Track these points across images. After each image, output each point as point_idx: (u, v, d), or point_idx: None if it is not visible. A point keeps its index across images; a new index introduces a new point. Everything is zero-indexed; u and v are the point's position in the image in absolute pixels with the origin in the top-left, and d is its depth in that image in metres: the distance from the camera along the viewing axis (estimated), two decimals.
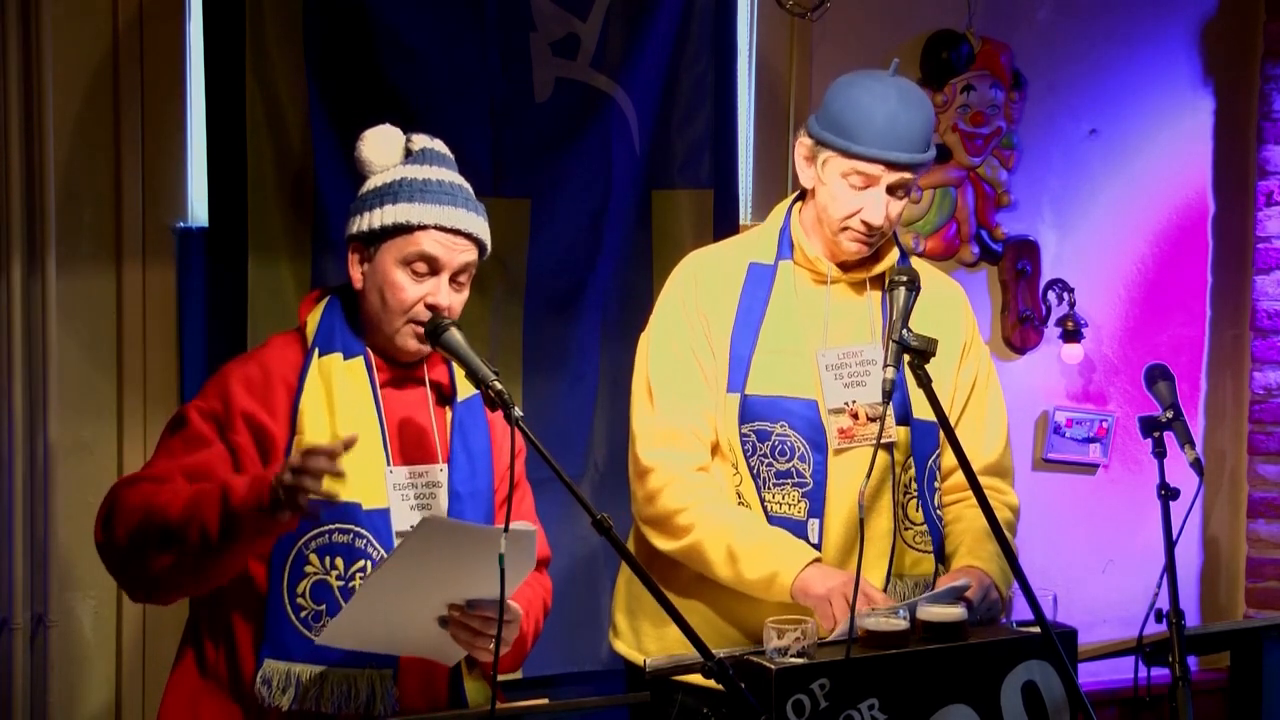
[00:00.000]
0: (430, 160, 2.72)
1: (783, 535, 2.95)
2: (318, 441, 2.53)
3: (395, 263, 2.65)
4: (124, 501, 2.53)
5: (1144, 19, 4.53)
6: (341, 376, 2.65)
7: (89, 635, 3.69)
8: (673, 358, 3.05)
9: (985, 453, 3.12)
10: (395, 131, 2.75)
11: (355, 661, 2.58)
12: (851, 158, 2.96)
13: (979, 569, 2.96)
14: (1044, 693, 2.76)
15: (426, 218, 2.65)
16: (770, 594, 2.90)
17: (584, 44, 3.81)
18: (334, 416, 2.62)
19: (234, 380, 2.64)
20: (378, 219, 2.65)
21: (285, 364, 2.67)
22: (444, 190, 2.68)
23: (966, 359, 3.15)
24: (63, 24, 3.58)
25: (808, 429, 2.98)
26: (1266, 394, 4.66)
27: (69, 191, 3.61)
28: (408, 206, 2.65)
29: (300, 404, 2.62)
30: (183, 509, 2.46)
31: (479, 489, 2.73)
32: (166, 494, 2.49)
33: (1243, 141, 4.65)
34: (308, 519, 2.47)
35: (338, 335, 2.68)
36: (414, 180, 2.67)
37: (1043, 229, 4.48)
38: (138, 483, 2.56)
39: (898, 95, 2.97)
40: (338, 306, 2.72)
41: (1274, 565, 4.69)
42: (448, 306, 2.67)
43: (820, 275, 3.07)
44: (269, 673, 2.57)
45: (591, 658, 3.87)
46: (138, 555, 2.53)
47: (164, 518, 2.46)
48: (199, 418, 2.61)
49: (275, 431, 2.61)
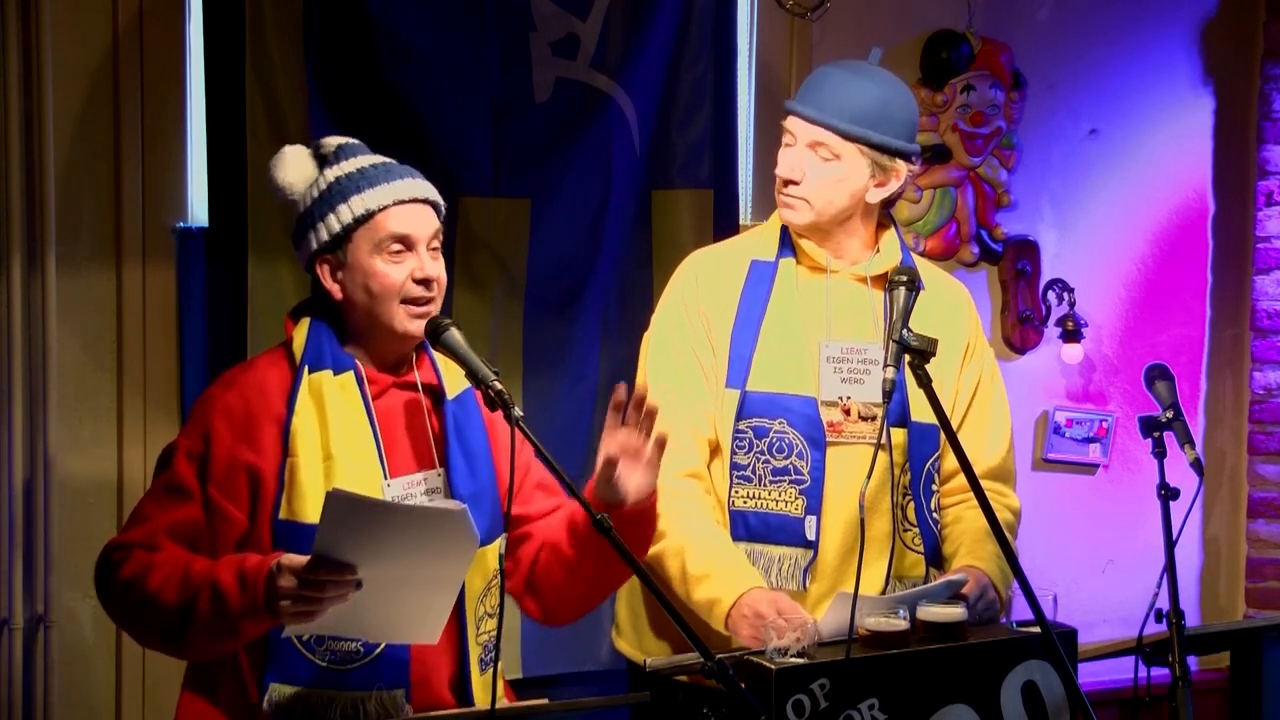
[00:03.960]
0: (352, 153, 2.70)
1: (734, 562, 2.93)
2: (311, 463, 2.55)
3: (369, 254, 2.63)
4: (118, 577, 2.52)
5: (1144, 19, 4.53)
6: (333, 393, 2.62)
7: (89, 635, 3.69)
8: (672, 357, 3.05)
9: (987, 456, 3.11)
10: (299, 148, 2.73)
11: (364, 684, 2.56)
12: (786, 117, 3.03)
13: (978, 568, 2.96)
14: (1044, 693, 2.76)
15: (384, 198, 2.63)
16: (712, 620, 2.88)
17: (584, 44, 3.81)
18: (327, 434, 2.60)
19: (215, 415, 2.61)
20: (335, 222, 2.63)
21: (270, 389, 2.64)
22: (382, 171, 2.67)
23: (970, 361, 3.14)
24: (63, 24, 3.58)
25: (806, 426, 2.98)
26: (1266, 394, 4.66)
27: (69, 191, 3.61)
28: (360, 197, 2.63)
29: (292, 425, 2.59)
30: (177, 602, 2.47)
31: (482, 488, 2.70)
32: (157, 577, 2.48)
33: (1243, 141, 4.65)
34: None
35: (326, 351, 2.65)
36: (351, 174, 2.66)
37: (1043, 229, 4.48)
38: (130, 552, 2.53)
39: (853, 69, 3.02)
40: (322, 324, 2.69)
41: (1274, 565, 4.69)
42: (436, 277, 2.65)
43: (821, 271, 3.07)
44: (276, 697, 2.55)
45: (592, 658, 3.87)
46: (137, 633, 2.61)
47: (159, 608, 2.48)
48: (184, 461, 2.59)
49: (261, 465, 2.58)
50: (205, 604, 2.45)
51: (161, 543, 2.54)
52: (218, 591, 2.44)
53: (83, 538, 3.63)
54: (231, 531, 2.58)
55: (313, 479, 2.57)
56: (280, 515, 2.58)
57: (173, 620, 2.49)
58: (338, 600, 2.39)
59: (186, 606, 2.46)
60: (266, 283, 3.57)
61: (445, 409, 2.71)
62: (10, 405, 3.57)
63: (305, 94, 3.57)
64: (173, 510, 2.57)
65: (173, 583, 2.48)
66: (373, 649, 2.58)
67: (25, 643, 3.60)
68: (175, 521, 2.56)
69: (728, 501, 3.00)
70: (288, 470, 2.58)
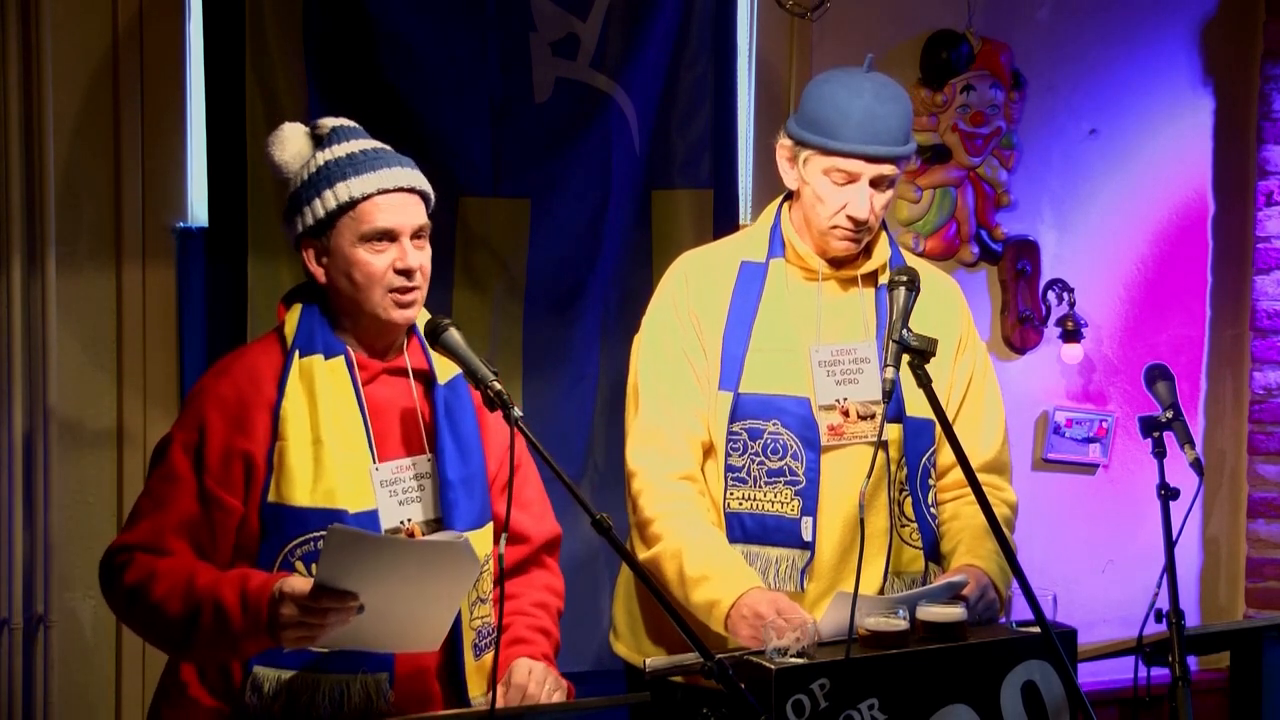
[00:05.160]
0: (346, 136, 2.69)
1: (732, 563, 2.93)
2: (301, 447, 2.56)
3: (352, 243, 2.62)
4: (122, 582, 2.54)
5: (1144, 19, 4.53)
6: (323, 377, 2.63)
7: (89, 635, 3.69)
8: (664, 359, 3.05)
9: (983, 450, 3.11)
10: (297, 126, 2.73)
11: (349, 667, 2.57)
12: (831, 155, 2.96)
13: (978, 568, 2.95)
14: (1044, 693, 2.76)
15: (369, 186, 2.62)
16: (711, 621, 2.88)
17: (584, 44, 3.81)
18: (317, 418, 2.60)
19: (209, 405, 2.61)
20: (320, 207, 2.63)
21: (261, 374, 2.64)
22: (373, 157, 2.66)
23: (962, 355, 3.14)
24: (63, 24, 3.58)
25: (800, 427, 2.98)
26: (1266, 394, 4.66)
27: (69, 191, 3.62)
28: (345, 184, 2.62)
29: (282, 409, 2.60)
30: (181, 614, 2.49)
31: (472, 473, 2.70)
32: (162, 587, 2.50)
33: (1243, 141, 4.65)
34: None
35: (318, 336, 2.65)
36: (341, 158, 2.65)
37: (1042, 229, 4.48)
38: (133, 556, 2.55)
39: (873, 89, 2.97)
40: (314, 308, 2.69)
41: (1274, 565, 4.69)
42: (418, 267, 2.65)
43: (812, 272, 3.07)
44: (259, 679, 2.56)
45: (591, 658, 3.87)
46: (142, 635, 2.67)
47: (163, 617, 2.51)
48: (180, 453, 2.59)
49: (254, 450, 2.59)
50: (208, 620, 2.48)
51: (166, 543, 2.55)
52: (220, 610, 2.46)
53: (83, 538, 3.63)
54: (230, 520, 2.59)
55: (302, 463, 2.58)
56: (269, 498, 2.58)
57: (176, 631, 2.52)
58: (339, 624, 2.43)
59: (189, 619, 2.49)
60: (266, 283, 3.57)
61: (436, 394, 2.71)
62: (10, 405, 3.57)
63: (305, 94, 3.57)
64: (172, 506, 2.57)
65: (176, 594, 2.50)
66: None
67: (25, 643, 3.61)
68: (176, 519, 2.56)
69: (723, 504, 3.00)
70: (276, 453, 2.58)
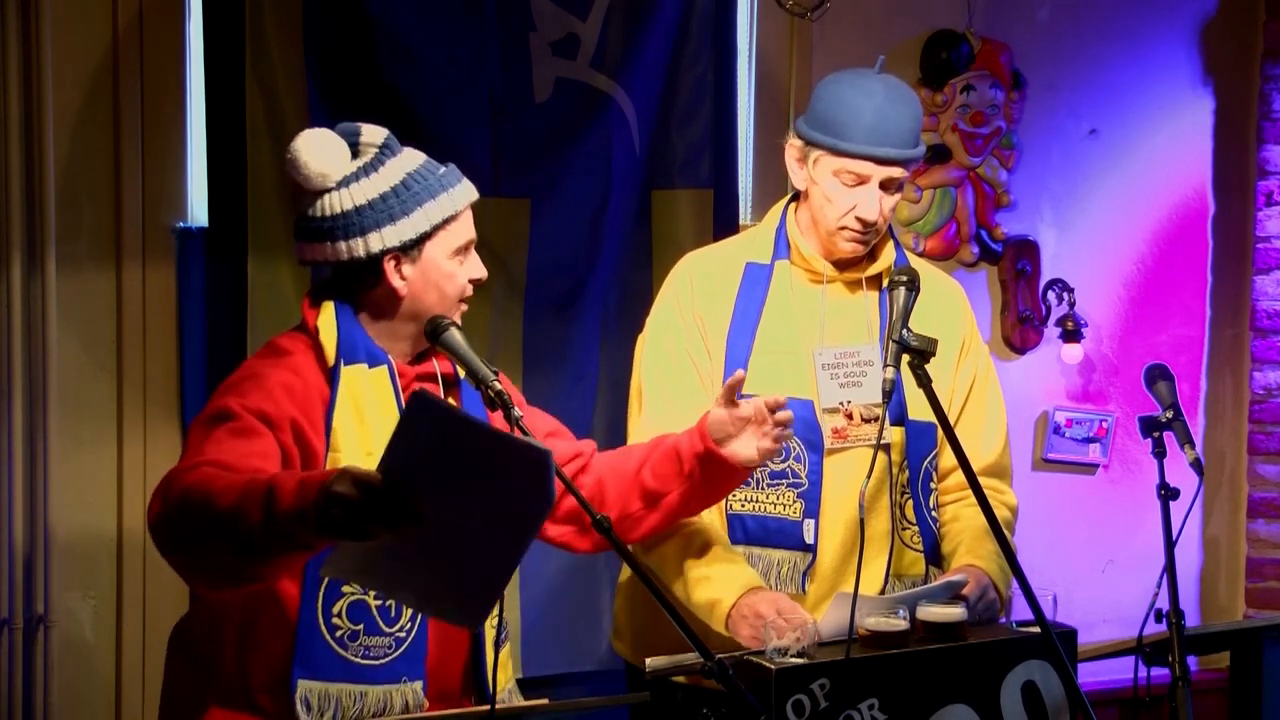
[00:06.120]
0: (399, 147, 2.65)
1: (733, 563, 2.93)
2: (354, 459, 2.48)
3: (447, 256, 2.64)
4: (184, 482, 2.31)
5: (1144, 19, 4.53)
6: (368, 388, 2.60)
7: (89, 635, 3.69)
8: (667, 359, 3.05)
9: (984, 453, 3.11)
10: (328, 133, 2.60)
11: (392, 677, 2.56)
12: (841, 156, 2.96)
13: (978, 568, 2.95)
14: (1044, 693, 2.76)
15: (460, 201, 2.66)
16: (712, 621, 2.88)
17: (584, 44, 3.81)
18: (366, 430, 2.57)
19: (275, 385, 2.53)
20: (424, 220, 2.61)
21: (315, 375, 2.60)
22: (452, 172, 2.68)
23: (965, 358, 3.14)
24: (63, 23, 3.58)
25: (803, 429, 2.97)
26: (1266, 394, 4.66)
27: (69, 191, 3.61)
28: (449, 196, 2.63)
29: (334, 419, 2.56)
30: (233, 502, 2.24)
31: None
32: (223, 482, 2.28)
33: (1243, 141, 4.65)
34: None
35: (360, 345, 2.62)
36: (420, 171, 2.63)
37: (1042, 229, 4.48)
38: (198, 467, 2.35)
39: (884, 91, 2.97)
40: (350, 314, 2.64)
41: (1274, 565, 4.69)
42: (484, 277, 2.73)
43: (816, 274, 3.07)
44: (306, 693, 2.53)
45: (591, 658, 3.87)
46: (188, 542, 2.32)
47: (214, 510, 2.25)
48: (246, 413, 2.47)
49: (316, 444, 2.55)
50: (258, 503, 2.22)
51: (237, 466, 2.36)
52: (272, 492, 2.21)
53: (83, 538, 3.63)
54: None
55: None
56: None
57: (221, 523, 2.25)
58: (389, 535, 2.15)
59: (238, 506, 2.23)
60: (266, 283, 3.57)
61: (462, 393, 2.72)
62: (10, 405, 3.57)
63: (305, 94, 3.57)
64: (246, 443, 2.43)
65: (235, 487, 2.26)
66: (402, 642, 2.57)
67: (25, 643, 3.60)
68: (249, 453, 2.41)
69: (725, 505, 2.99)
70: (330, 464, 2.53)
